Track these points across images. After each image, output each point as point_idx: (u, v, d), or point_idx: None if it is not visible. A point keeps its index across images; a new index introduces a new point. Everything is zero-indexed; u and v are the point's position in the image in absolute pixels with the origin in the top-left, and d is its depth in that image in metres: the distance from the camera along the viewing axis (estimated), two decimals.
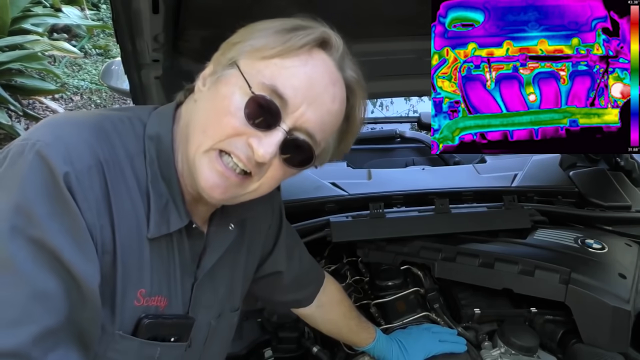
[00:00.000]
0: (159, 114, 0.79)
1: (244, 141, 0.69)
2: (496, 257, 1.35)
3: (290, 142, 0.72)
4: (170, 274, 0.78)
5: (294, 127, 0.71)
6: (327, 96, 0.73)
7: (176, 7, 1.02)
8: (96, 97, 4.97)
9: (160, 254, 0.76)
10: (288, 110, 0.70)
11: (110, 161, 0.69)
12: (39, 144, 0.63)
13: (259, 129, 0.69)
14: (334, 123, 0.77)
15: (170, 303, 0.79)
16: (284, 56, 0.70)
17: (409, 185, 1.73)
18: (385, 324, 1.37)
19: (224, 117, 0.69)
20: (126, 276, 0.70)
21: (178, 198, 0.76)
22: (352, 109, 0.80)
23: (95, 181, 0.66)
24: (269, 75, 0.69)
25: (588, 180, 1.87)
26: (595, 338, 1.19)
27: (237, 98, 0.69)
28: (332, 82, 0.74)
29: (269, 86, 0.69)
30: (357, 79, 0.79)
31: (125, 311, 0.71)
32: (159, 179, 0.74)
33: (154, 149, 0.75)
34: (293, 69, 0.70)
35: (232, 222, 0.88)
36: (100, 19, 5.78)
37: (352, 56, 0.78)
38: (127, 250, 0.70)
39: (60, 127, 0.67)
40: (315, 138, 0.74)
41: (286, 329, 1.41)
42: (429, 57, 1.04)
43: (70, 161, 0.63)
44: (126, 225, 0.70)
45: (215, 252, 0.86)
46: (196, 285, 0.84)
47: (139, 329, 0.73)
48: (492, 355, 1.22)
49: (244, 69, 0.71)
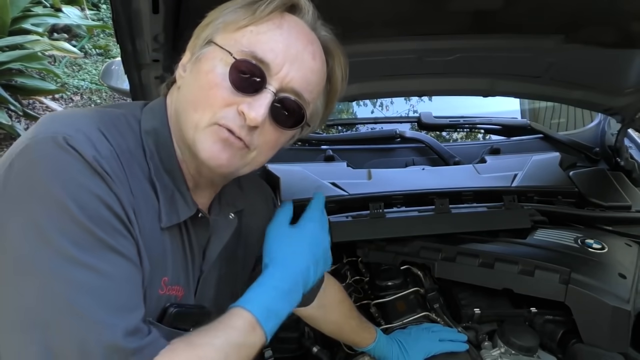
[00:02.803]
0: (151, 109, 0.80)
1: (234, 110, 0.71)
2: (496, 257, 1.35)
3: (279, 102, 0.73)
4: (186, 264, 0.80)
5: (281, 87, 0.73)
6: (306, 54, 0.74)
7: (176, 7, 1.02)
8: (96, 97, 4.97)
9: (176, 244, 0.77)
10: (272, 72, 0.71)
11: (121, 152, 0.70)
12: (60, 136, 0.63)
13: (246, 94, 0.71)
14: (318, 82, 0.78)
15: (186, 293, 0.80)
16: (257, 23, 0.72)
17: (409, 185, 1.73)
18: (385, 324, 1.37)
19: (211, 90, 0.71)
20: (152, 262, 0.71)
21: (183, 187, 0.77)
22: (333, 69, 0.82)
23: (119, 166, 0.67)
24: (246, 42, 0.71)
25: (588, 180, 1.87)
26: (595, 338, 1.19)
27: (220, 69, 0.71)
28: (309, 41, 0.75)
29: (249, 52, 0.71)
30: (332, 38, 0.81)
31: (152, 298, 0.73)
32: (161, 171, 0.75)
33: (153, 143, 0.76)
34: (269, 33, 0.72)
35: (231, 211, 0.90)
36: (100, 19, 5.78)
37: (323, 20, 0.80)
38: (149, 237, 0.71)
39: (69, 120, 0.68)
40: (304, 96, 0.75)
41: (286, 329, 1.40)
42: (429, 57, 1.04)
43: (95, 148, 0.64)
44: (147, 212, 0.71)
45: (219, 241, 0.87)
46: (202, 278, 0.85)
47: (165, 317, 0.75)
48: (492, 355, 1.22)
49: (222, 42, 0.72)
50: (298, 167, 1.83)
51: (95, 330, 0.59)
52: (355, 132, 2.53)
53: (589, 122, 2.36)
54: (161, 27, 1.02)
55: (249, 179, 1.00)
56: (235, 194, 0.92)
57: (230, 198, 0.90)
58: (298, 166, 1.83)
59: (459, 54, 1.46)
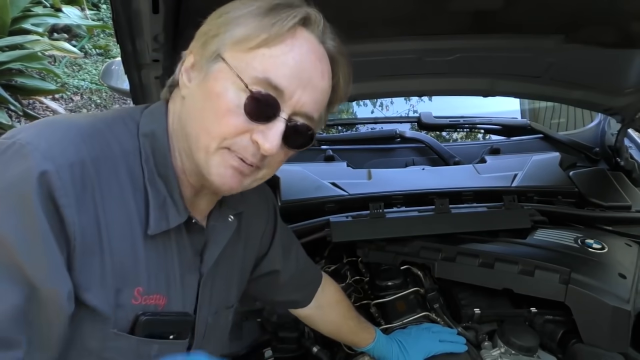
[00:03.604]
0: (151, 112, 0.80)
1: (248, 138, 0.71)
2: (496, 257, 1.35)
3: (291, 129, 0.73)
4: (169, 272, 0.78)
5: (293, 112, 0.73)
6: (316, 75, 0.74)
7: (176, 7, 1.02)
8: (96, 97, 4.97)
9: (157, 252, 0.76)
10: (285, 98, 0.71)
11: (101, 159, 0.69)
12: (18, 142, 0.63)
13: (260, 123, 0.70)
14: (325, 98, 0.78)
15: (170, 301, 0.79)
16: (270, 44, 0.70)
17: (409, 185, 1.73)
18: (385, 324, 1.37)
19: (225, 117, 0.70)
20: (119, 274, 0.70)
21: (176, 194, 0.76)
22: (338, 80, 0.81)
23: (78, 178, 0.65)
24: (259, 67, 0.69)
25: (588, 180, 1.87)
26: (595, 338, 1.19)
27: (233, 95, 0.70)
28: (319, 59, 0.74)
29: (263, 79, 0.69)
30: (338, 47, 0.79)
31: (122, 310, 0.71)
32: (155, 176, 0.75)
33: (149, 147, 0.75)
34: (282, 57, 0.70)
35: (231, 214, 0.90)
36: (100, 19, 5.78)
37: (329, 25, 0.78)
38: (118, 248, 0.70)
39: (44, 126, 0.68)
40: (313, 117, 0.75)
41: (286, 329, 1.41)
42: (429, 57, 1.04)
43: (50, 157, 0.63)
44: (116, 223, 0.70)
45: (218, 245, 0.86)
46: (202, 281, 0.84)
47: (136, 326, 0.74)
48: (492, 355, 1.22)
49: (232, 62, 0.70)
50: (298, 167, 1.83)
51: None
52: (355, 132, 2.53)
53: (589, 122, 2.36)
54: (161, 27, 1.02)
55: None
56: (236, 197, 0.92)
57: (232, 202, 0.89)
58: (298, 166, 1.83)
59: (459, 54, 1.46)
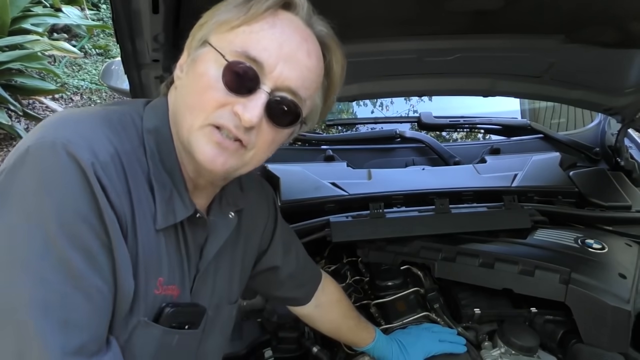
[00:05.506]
0: (154, 107, 0.80)
1: (229, 111, 0.71)
2: (496, 257, 1.35)
3: (274, 102, 0.73)
4: (182, 264, 0.80)
5: (275, 87, 0.72)
6: (301, 52, 0.73)
7: (176, 7, 1.02)
8: (96, 97, 4.97)
9: (172, 244, 0.78)
10: (265, 71, 0.71)
11: (126, 153, 0.70)
12: (60, 142, 0.63)
13: (241, 95, 0.70)
14: (315, 79, 0.78)
15: (181, 293, 0.81)
16: (250, 22, 0.71)
17: (409, 185, 1.73)
18: (385, 324, 1.38)
19: (206, 92, 0.71)
20: (148, 264, 0.72)
21: (182, 187, 0.77)
22: (330, 64, 0.81)
23: (119, 171, 0.68)
24: (239, 43, 0.71)
25: (588, 180, 1.87)
26: (595, 338, 1.19)
27: (213, 70, 0.71)
28: (304, 38, 0.75)
29: (242, 52, 0.70)
30: (329, 33, 0.80)
31: (148, 299, 0.73)
32: (161, 170, 0.76)
33: (154, 142, 0.76)
34: (262, 32, 0.71)
35: (231, 211, 0.90)
36: (100, 19, 5.78)
37: (320, 15, 0.79)
38: (146, 239, 0.72)
39: (73, 123, 0.68)
40: (299, 95, 0.75)
41: (286, 329, 1.41)
42: (429, 57, 1.04)
43: (94, 154, 0.65)
44: (144, 215, 0.72)
45: (217, 240, 0.87)
46: (198, 276, 0.85)
47: (161, 316, 0.76)
48: (492, 355, 1.22)
49: (216, 43, 0.72)
50: (298, 167, 1.83)
51: (34, 342, 0.59)
52: (355, 132, 2.53)
53: (589, 122, 2.36)
54: (161, 27, 1.02)
55: (250, 178, 1.00)
56: (236, 193, 0.92)
57: (231, 198, 0.90)
58: (298, 166, 1.83)
59: (459, 54, 1.46)
